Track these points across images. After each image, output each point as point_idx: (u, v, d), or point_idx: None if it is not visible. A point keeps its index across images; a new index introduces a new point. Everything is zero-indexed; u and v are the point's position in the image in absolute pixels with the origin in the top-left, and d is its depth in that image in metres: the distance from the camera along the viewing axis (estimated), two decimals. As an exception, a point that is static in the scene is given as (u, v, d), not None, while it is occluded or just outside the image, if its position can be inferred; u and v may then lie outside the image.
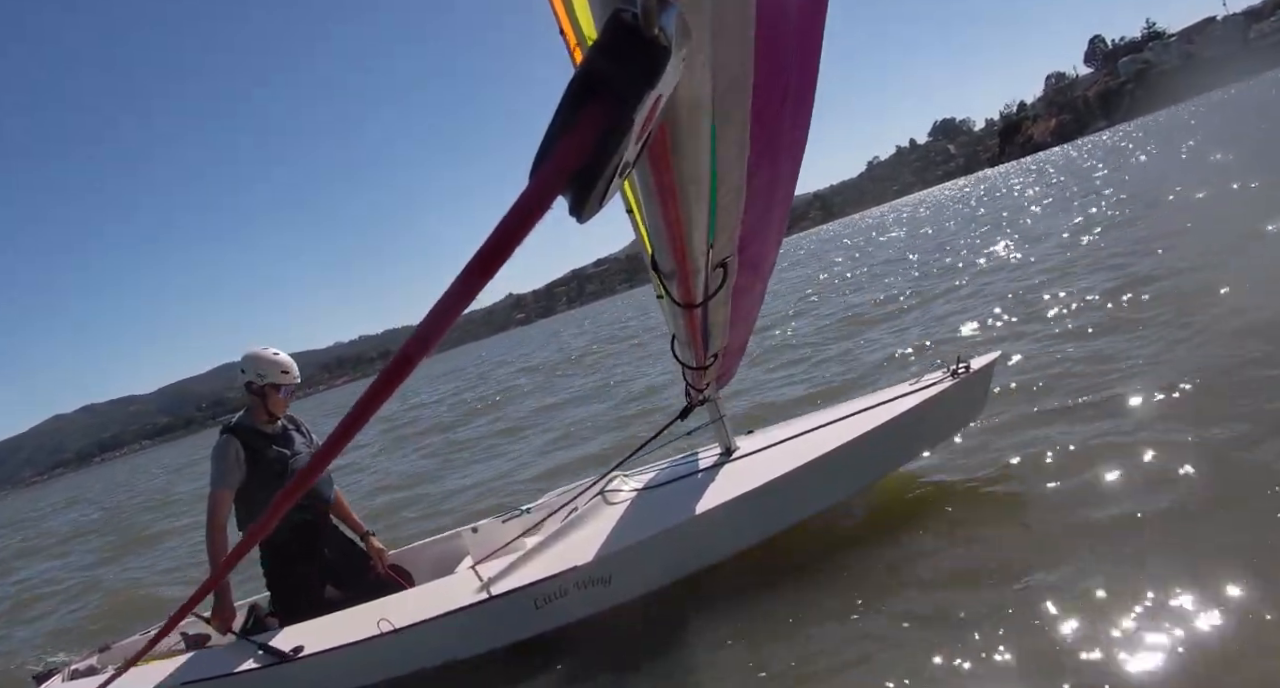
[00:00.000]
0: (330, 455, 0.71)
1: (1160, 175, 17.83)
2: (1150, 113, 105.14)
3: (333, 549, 3.82)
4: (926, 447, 3.96)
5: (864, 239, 39.78)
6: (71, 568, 11.44)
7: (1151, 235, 9.46)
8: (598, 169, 0.59)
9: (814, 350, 9.52)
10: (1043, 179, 36.88)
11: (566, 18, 2.13)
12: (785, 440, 3.64)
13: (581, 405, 11.40)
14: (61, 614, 8.05)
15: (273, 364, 3.68)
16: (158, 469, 41.63)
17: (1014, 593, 2.78)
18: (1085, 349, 5.55)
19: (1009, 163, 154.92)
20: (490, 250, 0.55)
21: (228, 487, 3.51)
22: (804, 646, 2.88)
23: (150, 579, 8.47)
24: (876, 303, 12.05)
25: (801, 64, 1.19)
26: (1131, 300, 6.47)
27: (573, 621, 3.31)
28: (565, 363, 21.27)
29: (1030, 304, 7.84)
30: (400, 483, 9.61)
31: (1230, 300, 5.53)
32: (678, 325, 2.28)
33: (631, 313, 41.00)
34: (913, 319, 9.58)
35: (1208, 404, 3.86)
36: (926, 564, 3.18)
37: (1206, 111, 42.25)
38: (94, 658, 3.92)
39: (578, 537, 3.43)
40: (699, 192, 1.15)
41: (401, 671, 3.33)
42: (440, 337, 0.59)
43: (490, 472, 8.51)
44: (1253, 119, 25.45)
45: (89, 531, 16.84)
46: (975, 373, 3.74)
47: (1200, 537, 2.82)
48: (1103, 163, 32.66)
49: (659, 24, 0.62)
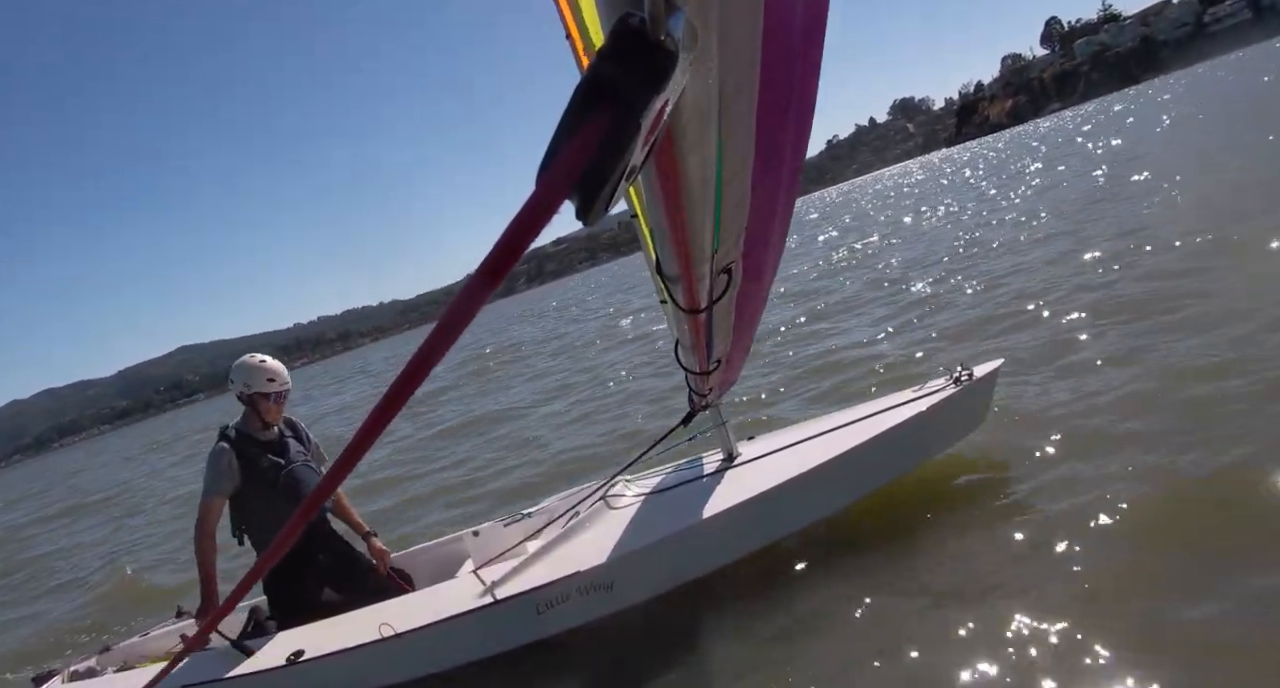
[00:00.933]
0: (338, 478, 0.70)
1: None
2: (1105, 94, 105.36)
3: (331, 552, 3.82)
4: (928, 454, 3.95)
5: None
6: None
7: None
8: (604, 173, 0.59)
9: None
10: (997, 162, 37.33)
11: (574, 22, 2.14)
12: (787, 447, 3.63)
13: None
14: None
15: (258, 372, 3.67)
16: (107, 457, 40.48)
17: (1018, 595, 2.77)
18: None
19: (967, 142, 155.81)
20: (499, 255, 0.55)
21: (219, 494, 3.53)
22: (806, 650, 2.87)
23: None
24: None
25: (804, 70, 1.19)
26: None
27: (575, 626, 3.31)
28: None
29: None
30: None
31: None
32: (681, 330, 2.28)
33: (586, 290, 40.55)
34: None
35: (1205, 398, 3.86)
36: (930, 568, 3.18)
37: (1168, 96, 42.51)
38: (93, 660, 3.92)
39: (580, 542, 3.43)
40: (705, 196, 1.15)
41: (402, 676, 3.32)
42: (449, 347, 0.59)
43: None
44: (1201, 104, 25.87)
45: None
46: (978, 381, 3.73)
47: (1201, 537, 2.82)
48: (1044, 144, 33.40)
49: (666, 29, 0.62)
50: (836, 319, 9.87)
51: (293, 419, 3.87)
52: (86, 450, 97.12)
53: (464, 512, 6.37)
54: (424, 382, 0.61)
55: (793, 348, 8.81)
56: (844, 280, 13.34)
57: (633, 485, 3.76)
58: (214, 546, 3.47)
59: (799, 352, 8.56)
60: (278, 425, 3.76)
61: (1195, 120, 21.59)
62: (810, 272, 15.96)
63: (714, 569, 3.43)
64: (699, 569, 3.43)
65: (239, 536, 3.62)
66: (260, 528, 3.60)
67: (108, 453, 51.54)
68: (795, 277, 15.50)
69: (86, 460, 50.98)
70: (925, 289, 9.86)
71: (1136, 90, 58.65)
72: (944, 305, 8.49)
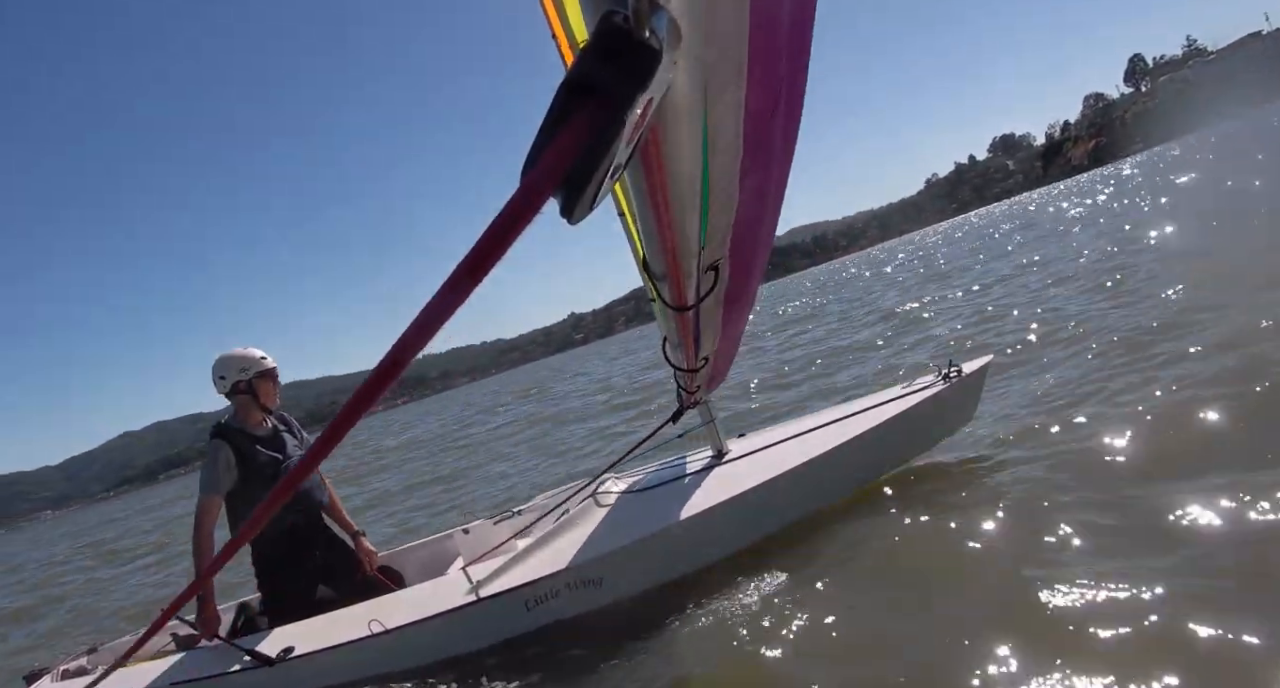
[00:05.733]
0: (316, 459, 0.71)
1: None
2: (1190, 133, 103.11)
3: (325, 550, 3.80)
4: (918, 450, 3.98)
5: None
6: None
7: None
8: (589, 171, 0.59)
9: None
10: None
11: (558, 20, 2.14)
12: (776, 444, 3.64)
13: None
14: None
15: (249, 356, 3.67)
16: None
17: (1013, 587, 2.79)
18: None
19: (1050, 185, 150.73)
20: (479, 253, 0.55)
21: (217, 492, 3.47)
22: (795, 646, 2.88)
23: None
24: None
25: (791, 68, 1.19)
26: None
27: (564, 622, 3.31)
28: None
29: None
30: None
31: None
32: (669, 328, 2.28)
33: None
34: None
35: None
36: (920, 563, 3.19)
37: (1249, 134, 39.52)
38: (83, 659, 3.90)
39: (569, 539, 3.43)
40: (691, 194, 1.15)
41: (391, 671, 3.32)
42: (428, 340, 0.59)
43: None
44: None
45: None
46: (967, 377, 3.76)
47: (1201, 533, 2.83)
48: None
49: (650, 26, 0.62)
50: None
51: (284, 414, 3.84)
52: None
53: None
54: (398, 377, 0.61)
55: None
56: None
57: (621, 483, 3.76)
58: (212, 545, 3.42)
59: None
60: (270, 420, 3.73)
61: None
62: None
63: (703, 566, 3.44)
64: (688, 566, 3.44)
65: (236, 533, 3.59)
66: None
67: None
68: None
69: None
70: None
71: (1221, 130, 56.25)
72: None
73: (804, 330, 15.90)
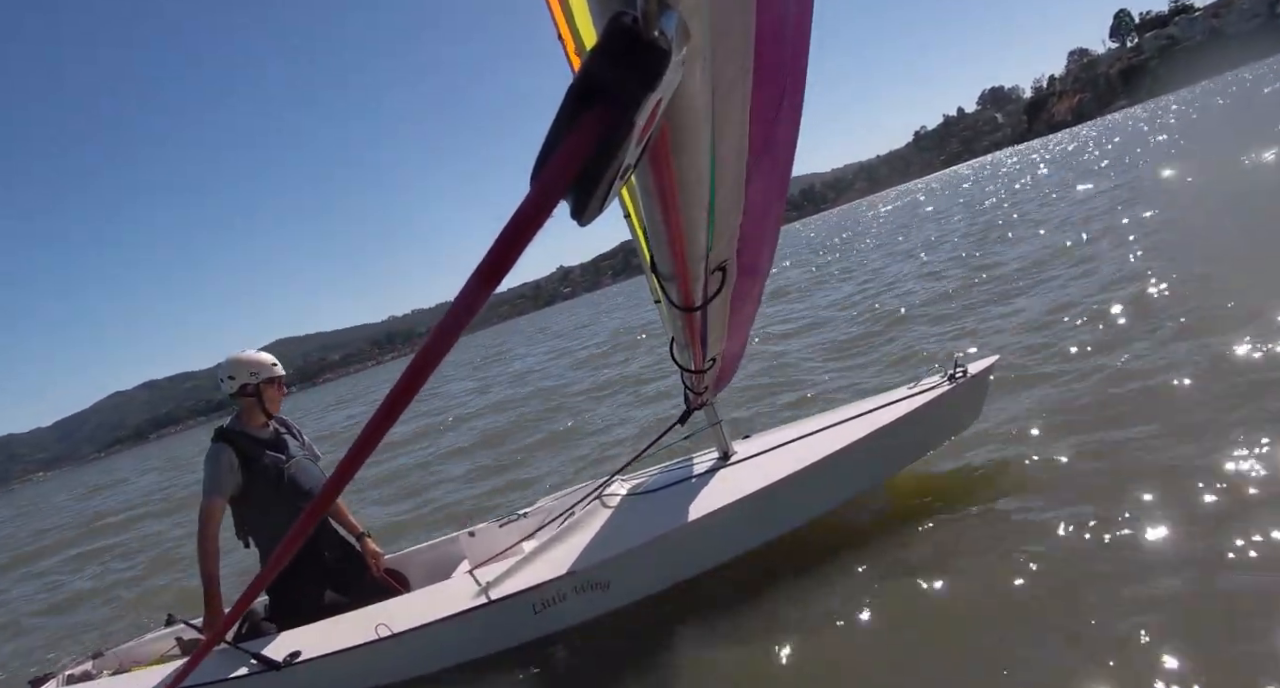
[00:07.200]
0: (345, 477, 0.69)
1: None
2: (1174, 90, 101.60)
3: (333, 553, 3.80)
4: (924, 451, 3.96)
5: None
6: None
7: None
8: (599, 173, 0.59)
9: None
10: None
11: (565, 22, 2.13)
12: (782, 445, 3.63)
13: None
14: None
15: (260, 360, 3.67)
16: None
17: (1019, 591, 2.78)
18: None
19: (1033, 140, 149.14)
20: (495, 258, 0.55)
21: (220, 495, 3.46)
22: (804, 648, 2.87)
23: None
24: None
25: (793, 66, 1.19)
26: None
27: (572, 625, 3.31)
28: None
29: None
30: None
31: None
32: (676, 329, 2.27)
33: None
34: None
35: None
36: (929, 565, 3.18)
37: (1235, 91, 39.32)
38: (89, 663, 3.90)
39: (576, 541, 3.42)
40: (699, 194, 1.14)
41: (399, 676, 3.32)
42: (449, 348, 0.58)
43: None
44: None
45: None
46: (973, 377, 3.74)
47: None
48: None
49: (659, 27, 0.61)
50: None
51: (284, 417, 3.84)
52: (182, 440, 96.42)
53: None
54: (425, 384, 0.60)
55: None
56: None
57: (628, 485, 3.75)
58: (216, 548, 3.40)
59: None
60: (272, 423, 3.73)
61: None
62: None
63: (711, 568, 3.43)
64: (696, 568, 3.43)
65: (244, 538, 3.57)
66: (265, 528, 3.54)
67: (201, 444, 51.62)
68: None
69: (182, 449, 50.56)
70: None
71: (1205, 86, 55.59)
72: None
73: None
